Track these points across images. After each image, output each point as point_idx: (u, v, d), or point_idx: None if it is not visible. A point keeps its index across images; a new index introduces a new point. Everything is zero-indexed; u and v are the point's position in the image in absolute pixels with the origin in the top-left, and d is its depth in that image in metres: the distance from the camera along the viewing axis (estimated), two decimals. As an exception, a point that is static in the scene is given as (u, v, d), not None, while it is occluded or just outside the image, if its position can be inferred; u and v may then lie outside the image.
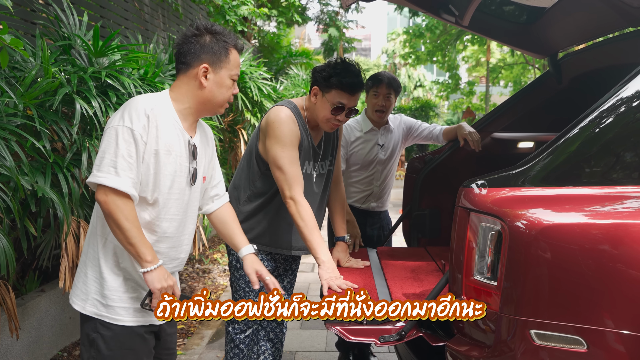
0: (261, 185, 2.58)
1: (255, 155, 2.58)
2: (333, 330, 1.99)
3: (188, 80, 1.95)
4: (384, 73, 3.39)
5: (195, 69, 1.93)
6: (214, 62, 1.94)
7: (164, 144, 1.89)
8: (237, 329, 2.69)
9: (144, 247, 1.84)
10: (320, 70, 2.48)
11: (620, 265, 1.59)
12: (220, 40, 1.95)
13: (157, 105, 1.90)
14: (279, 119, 2.42)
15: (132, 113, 1.84)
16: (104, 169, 1.81)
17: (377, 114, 3.33)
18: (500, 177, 1.85)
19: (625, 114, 1.78)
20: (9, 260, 2.35)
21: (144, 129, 1.84)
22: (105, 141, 1.84)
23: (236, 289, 2.67)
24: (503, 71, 25.00)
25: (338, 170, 2.86)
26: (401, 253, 3.01)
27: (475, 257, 1.82)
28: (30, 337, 3.27)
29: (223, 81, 1.96)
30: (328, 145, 2.71)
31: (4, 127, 2.41)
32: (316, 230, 2.40)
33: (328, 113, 2.46)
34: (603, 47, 2.86)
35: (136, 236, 1.82)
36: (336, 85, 2.42)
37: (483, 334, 1.80)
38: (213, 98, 1.97)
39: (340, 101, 2.44)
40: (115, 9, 5.10)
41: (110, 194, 1.80)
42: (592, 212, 1.70)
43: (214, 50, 1.93)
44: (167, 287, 1.87)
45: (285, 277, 2.84)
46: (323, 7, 15.48)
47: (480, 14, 2.98)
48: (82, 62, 3.26)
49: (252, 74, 5.92)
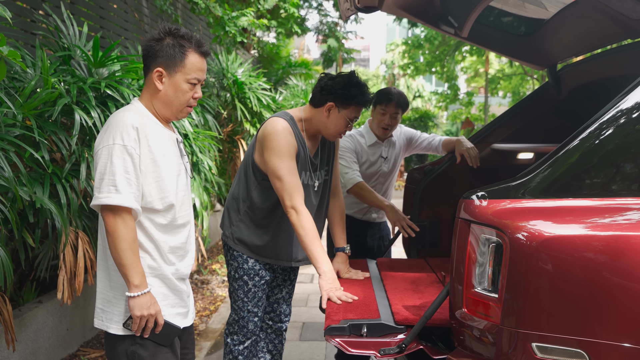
0: (258, 195, 2.58)
1: (252, 165, 2.59)
2: (333, 342, 1.98)
3: (149, 84, 1.97)
4: (393, 90, 3.32)
5: (152, 72, 1.94)
6: (168, 66, 1.93)
7: (158, 151, 1.92)
8: (235, 340, 2.68)
9: (134, 271, 1.85)
10: (339, 88, 2.49)
11: (621, 278, 1.58)
12: (177, 44, 1.94)
13: (139, 116, 1.92)
14: (275, 131, 2.44)
15: (121, 130, 1.85)
16: (105, 190, 1.83)
17: (382, 131, 3.32)
18: (501, 188, 1.85)
19: (625, 125, 1.77)
20: (6, 272, 2.34)
21: (136, 142, 1.85)
22: (100, 163, 1.85)
23: (235, 299, 2.67)
24: (502, 82, 25.10)
25: (336, 181, 2.86)
26: (401, 264, 2.99)
27: (476, 269, 1.81)
28: (27, 348, 3.25)
29: (179, 85, 1.95)
30: (324, 156, 2.72)
31: (2, 138, 2.41)
32: (317, 240, 2.40)
33: (343, 128, 2.55)
34: (602, 59, 2.87)
35: (129, 258, 1.84)
36: (357, 103, 2.50)
37: (484, 347, 1.79)
38: (169, 102, 1.97)
39: (356, 116, 2.54)
40: (115, 20, 5.12)
41: (116, 213, 1.83)
42: (593, 224, 1.69)
43: (169, 54, 1.93)
44: (148, 316, 1.89)
45: (284, 287, 2.84)
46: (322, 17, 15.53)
47: (480, 25, 2.98)
48: (82, 73, 3.27)
49: (252, 84, 5.93)
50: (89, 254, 3.01)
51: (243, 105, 5.82)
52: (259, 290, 2.65)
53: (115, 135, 1.84)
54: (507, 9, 3.04)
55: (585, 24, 2.77)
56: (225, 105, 5.89)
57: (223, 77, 5.77)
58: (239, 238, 2.61)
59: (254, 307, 2.65)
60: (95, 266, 3.01)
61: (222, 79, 5.78)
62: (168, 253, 2.00)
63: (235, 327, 2.68)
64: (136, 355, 1.94)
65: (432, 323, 2.01)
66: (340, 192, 2.89)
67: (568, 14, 2.80)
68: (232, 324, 2.70)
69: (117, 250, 1.84)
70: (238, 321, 2.67)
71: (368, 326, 2.01)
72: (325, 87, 2.52)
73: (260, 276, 2.65)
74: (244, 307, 2.64)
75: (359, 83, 2.52)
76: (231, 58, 5.94)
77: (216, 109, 5.60)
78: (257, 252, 2.61)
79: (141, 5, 5.82)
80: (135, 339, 1.94)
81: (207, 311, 4.87)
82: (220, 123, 5.91)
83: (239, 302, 2.65)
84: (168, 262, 2.01)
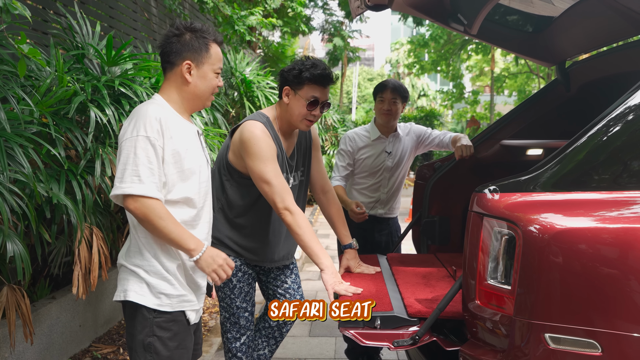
0: (234, 193, 2.58)
1: (227, 165, 2.57)
2: (347, 334, 2.01)
3: (175, 78, 2.03)
4: (389, 80, 3.49)
5: (179, 66, 2.01)
6: (195, 58, 2.01)
7: (181, 143, 1.97)
8: (231, 338, 2.67)
9: (183, 238, 1.92)
10: (289, 70, 2.51)
11: (630, 269, 1.61)
12: (199, 37, 2.02)
13: (162, 109, 1.98)
14: (254, 136, 2.42)
15: (145, 121, 1.90)
16: (127, 179, 1.86)
17: (384, 117, 3.39)
18: (512, 182, 1.87)
19: (634, 121, 1.80)
20: (25, 266, 2.38)
21: (159, 134, 1.90)
22: (123, 154, 1.89)
23: (222, 297, 2.66)
24: (507, 80, 25.07)
25: (324, 178, 2.84)
26: (411, 259, 3.02)
27: (489, 262, 1.84)
28: (42, 343, 3.29)
29: (206, 75, 2.04)
30: (300, 156, 2.71)
31: (20, 135, 2.45)
32: (315, 237, 2.41)
33: (304, 109, 2.49)
34: (611, 55, 2.88)
35: (174, 230, 1.90)
36: (308, 79, 2.47)
37: (496, 339, 1.81)
38: (199, 92, 2.05)
39: (313, 95, 2.48)
40: (125, 19, 5.17)
41: (139, 200, 1.86)
42: (602, 217, 1.72)
43: (195, 47, 2.01)
44: (218, 268, 1.97)
45: (287, 277, 2.82)
46: (328, 17, 15.57)
47: (489, 23, 3.00)
48: (95, 71, 3.31)
49: (260, 83, 5.98)
50: (103, 250, 3.05)
51: (251, 103, 5.86)
52: (244, 285, 2.64)
53: (139, 126, 1.89)
54: (516, 7, 3.06)
55: (595, 21, 2.79)
56: (233, 104, 5.93)
57: (231, 76, 5.81)
58: (216, 237, 2.58)
59: (242, 302, 2.63)
60: (109, 262, 3.06)
61: (231, 78, 5.82)
62: None
63: (228, 325, 2.66)
64: (152, 347, 1.98)
65: (445, 315, 2.03)
66: (332, 189, 2.86)
67: (577, 10, 2.82)
68: (224, 323, 2.68)
69: (158, 229, 1.88)
70: (229, 318, 2.65)
71: (381, 319, 2.04)
72: (281, 75, 2.55)
73: (243, 271, 2.63)
74: (233, 304, 2.63)
75: (311, 61, 2.50)
76: (239, 57, 5.98)
77: (225, 107, 5.64)
78: (235, 250, 2.60)
79: (150, 5, 5.86)
80: (154, 330, 1.97)
81: (216, 307, 4.91)
82: (228, 121, 5.95)
83: (227, 300, 2.63)
84: None
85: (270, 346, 2.82)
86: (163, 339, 1.98)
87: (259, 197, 2.52)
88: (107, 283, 4.01)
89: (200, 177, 2.06)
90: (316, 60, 2.53)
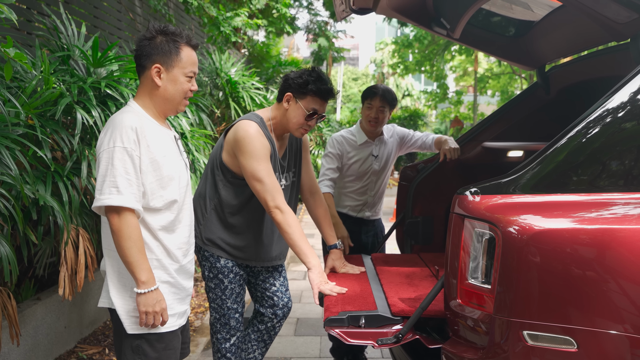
0: (227, 193, 2.61)
1: (220, 164, 2.60)
2: (332, 332, 2.05)
3: (147, 82, 2.04)
4: (379, 86, 3.46)
5: (150, 70, 2.01)
6: (165, 62, 2.01)
7: (158, 150, 1.98)
8: (221, 338, 2.69)
9: (140, 268, 1.91)
10: (295, 77, 2.55)
11: (606, 268, 1.66)
12: (170, 40, 2.02)
13: (137, 117, 1.98)
14: (249, 135, 2.46)
15: (122, 131, 1.91)
16: (106, 191, 1.88)
17: (370, 124, 3.40)
18: (493, 184, 1.92)
19: (611, 124, 1.85)
20: (12, 267, 2.38)
21: (135, 143, 1.91)
22: (102, 165, 1.90)
23: (212, 298, 2.69)
24: (490, 81, 25.26)
25: (312, 180, 2.88)
26: (395, 259, 3.07)
27: (470, 262, 1.89)
28: (27, 345, 3.29)
29: (177, 79, 2.03)
30: (292, 157, 2.75)
31: (7, 136, 2.46)
32: (303, 236, 2.46)
33: (302, 119, 2.55)
34: (589, 60, 2.96)
35: (135, 256, 1.89)
36: (313, 91, 2.53)
37: (477, 336, 1.87)
38: (169, 96, 2.04)
39: (314, 107, 2.55)
40: (109, 19, 5.15)
41: (120, 212, 1.88)
42: (580, 218, 1.77)
43: (165, 50, 2.01)
44: (153, 313, 1.94)
45: (275, 279, 2.84)
46: (312, 17, 15.59)
47: (471, 27, 3.06)
48: (80, 72, 3.31)
49: (245, 83, 5.99)
50: (89, 251, 3.06)
51: (236, 104, 5.87)
52: (236, 286, 2.67)
53: (115, 137, 1.90)
54: (497, 11, 3.13)
55: (573, 27, 2.85)
56: (218, 104, 5.94)
57: (216, 77, 5.82)
58: (208, 238, 2.62)
59: (233, 303, 2.66)
60: (95, 263, 3.07)
61: (216, 78, 5.83)
62: (174, 250, 2.06)
63: (218, 326, 2.69)
64: (140, 349, 2.00)
65: (428, 314, 2.08)
66: (319, 190, 2.91)
67: (556, 16, 2.89)
68: (214, 324, 2.71)
69: (123, 249, 1.89)
70: (219, 319, 2.68)
71: (366, 318, 2.08)
72: (286, 80, 2.59)
73: (235, 272, 2.66)
74: (224, 305, 2.66)
75: (317, 74, 2.55)
76: (224, 57, 5.99)
77: (210, 108, 5.65)
78: (227, 251, 2.63)
79: (134, 5, 5.85)
80: (142, 332, 2.00)
81: (202, 308, 4.92)
82: (213, 122, 5.96)
83: (218, 301, 2.66)
84: (174, 259, 2.06)
85: (260, 349, 2.86)
86: (151, 340, 2.01)
87: (252, 196, 2.55)
88: (93, 284, 4.01)
89: (180, 182, 2.07)
90: (322, 73, 2.58)
